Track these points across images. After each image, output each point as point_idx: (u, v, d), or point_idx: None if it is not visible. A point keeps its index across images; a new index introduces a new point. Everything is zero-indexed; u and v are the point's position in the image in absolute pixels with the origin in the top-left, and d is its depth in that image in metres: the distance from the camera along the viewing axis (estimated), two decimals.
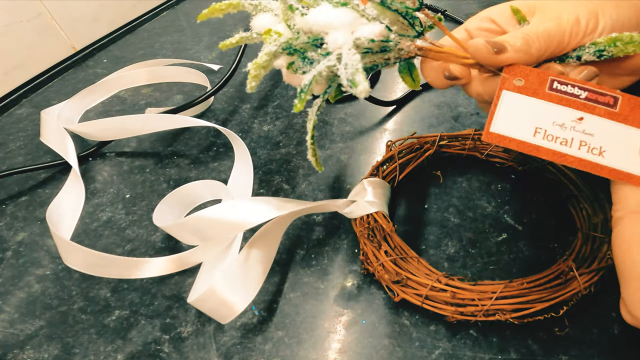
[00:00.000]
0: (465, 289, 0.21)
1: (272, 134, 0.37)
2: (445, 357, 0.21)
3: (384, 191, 0.27)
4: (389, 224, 0.25)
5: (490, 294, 0.21)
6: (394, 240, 0.24)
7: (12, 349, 0.23)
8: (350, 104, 0.40)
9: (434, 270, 0.23)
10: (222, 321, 0.22)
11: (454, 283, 0.22)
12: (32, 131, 0.40)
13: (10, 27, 0.46)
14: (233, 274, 0.22)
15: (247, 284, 0.23)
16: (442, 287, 0.22)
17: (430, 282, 0.22)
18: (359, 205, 0.26)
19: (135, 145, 0.37)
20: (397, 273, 0.22)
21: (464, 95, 0.40)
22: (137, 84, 0.44)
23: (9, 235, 0.29)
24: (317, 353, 0.22)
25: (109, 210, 0.31)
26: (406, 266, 0.23)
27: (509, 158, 0.30)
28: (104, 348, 0.23)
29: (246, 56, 0.50)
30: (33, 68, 0.49)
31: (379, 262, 0.23)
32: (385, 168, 0.29)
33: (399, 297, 0.23)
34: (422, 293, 0.22)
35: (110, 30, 0.59)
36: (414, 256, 0.24)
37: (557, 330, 0.22)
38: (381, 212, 0.25)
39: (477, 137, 0.31)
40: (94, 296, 0.25)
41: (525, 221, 0.27)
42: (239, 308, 0.22)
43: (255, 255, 0.23)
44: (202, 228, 0.24)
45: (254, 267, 0.23)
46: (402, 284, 0.23)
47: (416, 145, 0.30)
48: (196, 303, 0.22)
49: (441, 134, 0.31)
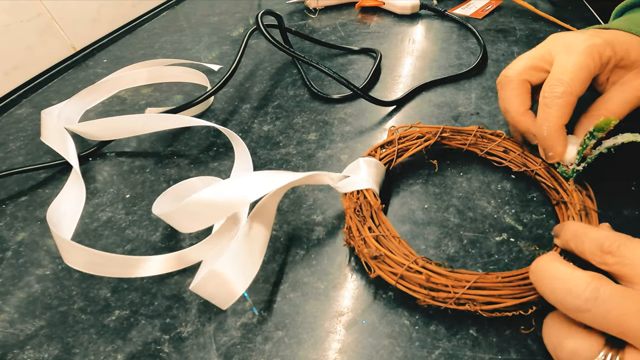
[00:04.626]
0: (440, 274, 0.22)
1: (272, 134, 0.37)
2: (445, 357, 0.21)
3: (378, 171, 0.28)
4: (376, 202, 0.25)
5: (464, 282, 0.21)
6: (379, 218, 0.25)
7: (12, 349, 0.23)
8: (350, 104, 0.40)
9: (413, 252, 0.23)
10: (223, 306, 0.23)
11: (431, 267, 0.22)
12: (32, 131, 0.40)
13: (10, 27, 0.46)
14: (235, 253, 0.22)
15: (248, 262, 0.23)
16: (418, 269, 0.22)
17: (407, 262, 0.22)
18: (352, 180, 0.27)
19: (135, 145, 0.37)
20: (376, 249, 0.23)
21: (464, 95, 0.40)
22: (137, 84, 0.44)
23: (9, 235, 0.29)
24: (317, 353, 0.22)
25: (109, 210, 0.31)
26: (387, 244, 0.23)
27: (507, 158, 0.30)
28: (104, 348, 0.23)
29: (246, 56, 0.50)
30: (33, 68, 0.49)
31: (361, 237, 0.24)
32: (383, 151, 0.30)
33: (375, 273, 0.23)
34: (398, 272, 0.22)
35: (110, 30, 0.59)
36: (396, 236, 0.24)
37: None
38: (372, 189, 0.26)
39: (479, 133, 0.31)
40: (94, 296, 0.25)
41: (525, 221, 0.27)
42: (240, 289, 0.22)
43: (254, 231, 0.24)
44: (201, 211, 0.23)
45: (254, 243, 0.24)
46: (379, 261, 0.23)
47: (418, 133, 0.31)
48: (197, 288, 0.22)
49: (444, 126, 0.31)
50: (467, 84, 0.42)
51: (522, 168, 0.29)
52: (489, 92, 0.40)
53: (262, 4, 0.67)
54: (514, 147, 0.30)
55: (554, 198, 0.27)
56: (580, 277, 0.17)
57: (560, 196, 0.26)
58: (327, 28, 0.56)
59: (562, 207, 0.26)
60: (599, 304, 0.16)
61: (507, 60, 0.45)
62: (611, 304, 0.16)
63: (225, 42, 0.55)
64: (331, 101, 0.41)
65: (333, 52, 0.50)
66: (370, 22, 0.57)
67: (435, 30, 0.54)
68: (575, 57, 0.25)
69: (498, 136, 0.31)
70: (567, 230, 0.22)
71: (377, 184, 0.27)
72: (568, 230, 0.22)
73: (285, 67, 0.48)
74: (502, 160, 0.30)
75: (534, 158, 0.29)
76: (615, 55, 0.26)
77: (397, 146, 0.30)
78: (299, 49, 0.51)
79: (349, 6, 0.62)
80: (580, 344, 0.17)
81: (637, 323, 0.16)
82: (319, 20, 0.59)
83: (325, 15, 0.60)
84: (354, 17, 0.59)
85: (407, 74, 0.45)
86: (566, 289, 0.17)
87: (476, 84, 0.42)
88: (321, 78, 0.45)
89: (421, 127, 0.31)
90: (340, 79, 0.38)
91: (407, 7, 0.57)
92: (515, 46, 0.48)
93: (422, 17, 0.58)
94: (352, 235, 0.25)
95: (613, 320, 0.16)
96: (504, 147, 0.31)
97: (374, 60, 0.47)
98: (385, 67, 0.46)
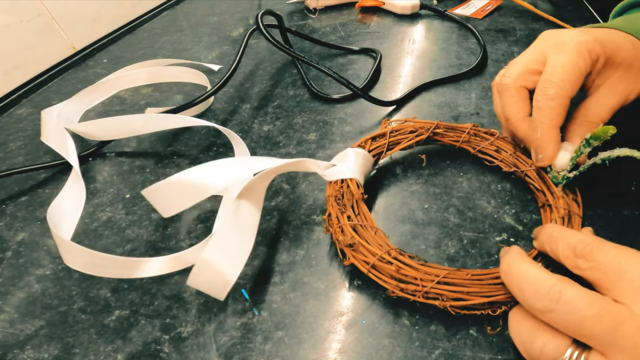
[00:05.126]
0: (411, 266, 0.22)
1: (272, 134, 0.37)
2: (445, 357, 0.21)
3: (365, 162, 0.28)
4: (358, 191, 0.26)
5: (433, 276, 0.21)
6: (359, 207, 0.25)
7: (12, 349, 0.23)
8: (350, 104, 0.40)
9: (388, 243, 0.23)
10: (220, 296, 0.23)
11: (403, 259, 0.22)
12: (32, 131, 0.40)
13: (10, 27, 0.46)
14: (221, 240, 0.22)
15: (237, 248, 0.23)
16: (390, 260, 0.22)
17: (380, 252, 0.22)
18: (338, 169, 0.27)
19: (135, 145, 0.37)
20: (352, 237, 0.23)
21: (464, 95, 0.40)
22: (137, 84, 0.44)
23: (9, 235, 0.29)
24: (317, 353, 0.22)
25: (109, 210, 0.31)
26: (363, 234, 0.24)
27: (498, 158, 0.30)
28: (104, 348, 0.23)
29: (246, 56, 0.50)
30: (33, 68, 0.49)
31: (339, 225, 0.24)
32: (374, 143, 0.30)
33: (349, 261, 0.24)
34: (370, 262, 0.22)
35: (110, 30, 0.59)
36: (373, 226, 0.24)
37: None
38: (355, 179, 0.26)
39: (473, 131, 0.31)
40: (94, 296, 0.25)
41: (525, 221, 0.27)
42: (232, 276, 0.22)
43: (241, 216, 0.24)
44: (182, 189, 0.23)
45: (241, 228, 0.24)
46: (354, 249, 0.23)
47: (411, 128, 0.31)
48: (192, 281, 0.22)
49: (438, 122, 0.31)
50: (467, 84, 0.42)
51: (512, 168, 0.29)
52: (489, 92, 0.40)
53: (262, 4, 0.67)
54: (507, 147, 0.30)
55: (540, 200, 0.27)
56: (545, 279, 0.18)
57: (547, 199, 0.26)
58: (327, 28, 0.56)
59: (547, 210, 0.26)
60: (560, 306, 0.17)
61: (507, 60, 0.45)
62: (572, 306, 0.16)
63: (225, 42, 0.55)
64: (331, 101, 0.41)
65: (333, 52, 0.50)
66: (370, 22, 0.57)
67: (435, 30, 0.54)
68: (564, 56, 0.26)
69: (492, 135, 0.31)
70: (544, 233, 0.22)
71: (362, 174, 0.27)
72: (545, 233, 0.22)
73: (285, 67, 0.48)
74: (493, 160, 0.30)
75: (525, 159, 0.29)
76: (605, 53, 0.26)
77: (389, 139, 0.30)
78: (299, 49, 0.51)
79: (349, 6, 0.62)
80: (548, 341, 0.17)
81: (595, 326, 0.16)
82: (319, 20, 0.59)
83: (325, 15, 0.60)
84: (354, 17, 0.59)
85: (407, 74, 0.45)
86: (532, 290, 0.18)
87: (476, 84, 0.42)
88: (321, 78, 0.45)
89: (415, 122, 0.31)
90: (340, 79, 0.38)
91: (407, 7, 0.57)
92: (515, 46, 0.48)
93: (422, 17, 0.58)
94: (331, 222, 0.25)
95: (573, 322, 0.16)
96: (497, 146, 0.30)
97: (374, 60, 0.47)
98: (385, 67, 0.46)
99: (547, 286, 0.17)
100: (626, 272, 0.17)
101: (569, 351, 0.17)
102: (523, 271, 0.19)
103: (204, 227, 0.29)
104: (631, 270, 0.17)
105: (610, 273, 0.17)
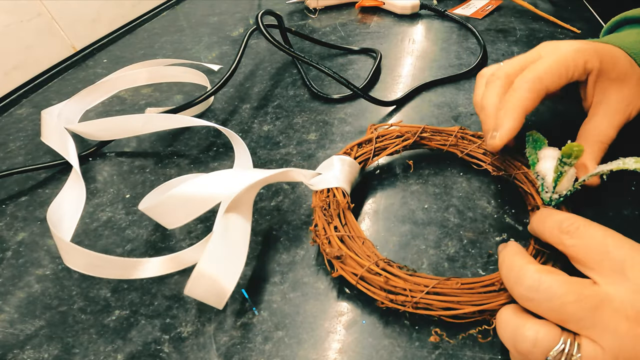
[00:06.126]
0: (400, 277, 0.22)
1: (272, 134, 0.37)
2: (445, 357, 0.21)
3: (351, 170, 0.28)
4: (344, 200, 0.25)
5: (422, 287, 0.21)
6: (346, 217, 0.25)
7: (12, 349, 0.23)
8: (350, 104, 0.40)
9: (377, 253, 0.23)
10: (219, 305, 0.23)
11: (391, 270, 0.22)
12: (32, 131, 0.40)
13: (10, 27, 0.46)
14: (214, 250, 0.22)
15: (231, 258, 0.23)
16: (378, 271, 0.22)
17: (368, 263, 0.22)
18: (324, 178, 0.27)
19: (135, 145, 0.37)
20: (339, 249, 0.23)
21: (464, 95, 0.40)
22: (137, 84, 0.44)
23: (9, 235, 0.29)
24: (317, 353, 0.22)
25: (109, 210, 0.31)
26: (351, 245, 0.23)
27: (486, 161, 0.30)
28: (104, 348, 0.23)
29: (246, 56, 0.50)
30: (33, 68, 0.49)
31: (326, 236, 0.24)
32: (360, 149, 0.30)
33: (337, 272, 0.23)
34: (358, 273, 0.22)
35: (110, 30, 0.59)
36: (361, 237, 0.24)
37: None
38: (341, 188, 0.26)
39: (460, 134, 0.31)
40: (94, 296, 0.25)
41: (525, 221, 0.27)
42: (229, 285, 0.22)
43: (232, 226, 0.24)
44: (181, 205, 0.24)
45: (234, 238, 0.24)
46: (341, 261, 0.23)
47: (397, 133, 0.30)
48: (189, 291, 0.22)
49: (425, 126, 0.31)
50: (467, 84, 0.42)
51: (500, 172, 0.29)
52: None
53: (262, 4, 0.67)
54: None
55: (529, 203, 0.27)
56: (528, 268, 0.18)
57: (536, 202, 0.26)
58: (327, 28, 0.56)
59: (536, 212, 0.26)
60: (540, 294, 0.17)
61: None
62: (551, 293, 0.17)
63: (225, 42, 0.55)
64: (331, 101, 0.41)
65: (333, 52, 0.50)
66: (370, 22, 0.57)
67: (435, 30, 0.54)
68: (556, 55, 0.26)
69: (479, 137, 0.31)
70: (535, 215, 0.23)
71: (349, 182, 0.27)
72: (536, 215, 0.23)
73: (285, 67, 0.48)
74: (481, 163, 0.30)
75: (513, 162, 0.29)
76: (600, 65, 0.26)
77: (375, 145, 0.30)
78: (299, 49, 0.51)
79: (349, 6, 0.62)
80: (539, 331, 0.17)
81: (574, 311, 0.16)
82: (319, 20, 0.59)
83: (325, 15, 0.60)
84: (354, 17, 0.59)
85: (407, 74, 0.45)
86: (515, 278, 0.19)
87: None
88: (321, 78, 0.45)
89: (401, 127, 0.31)
90: (340, 79, 0.38)
91: (407, 7, 0.57)
92: (515, 46, 0.48)
93: (422, 17, 0.58)
94: (318, 233, 0.25)
95: (553, 308, 0.17)
96: (485, 149, 0.30)
97: (374, 60, 0.47)
98: (385, 67, 0.46)
99: (528, 274, 0.18)
100: (611, 251, 0.17)
101: (562, 339, 0.17)
102: (510, 261, 0.20)
103: (203, 227, 0.29)
104: (615, 250, 0.17)
105: (595, 252, 0.18)
